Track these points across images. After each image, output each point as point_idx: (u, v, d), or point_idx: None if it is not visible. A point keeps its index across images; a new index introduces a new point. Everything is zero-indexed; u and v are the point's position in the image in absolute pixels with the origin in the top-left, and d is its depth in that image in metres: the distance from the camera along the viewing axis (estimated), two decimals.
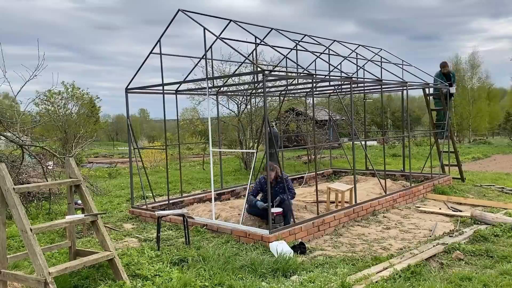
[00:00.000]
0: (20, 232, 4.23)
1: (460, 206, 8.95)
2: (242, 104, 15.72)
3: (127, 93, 8.38)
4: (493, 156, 21.54)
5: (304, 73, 8.14)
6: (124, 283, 4.55)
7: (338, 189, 8.43)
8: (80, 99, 20.25)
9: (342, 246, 6.37)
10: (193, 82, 8.40)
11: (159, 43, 7.88)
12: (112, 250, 4.73)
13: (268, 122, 6.27)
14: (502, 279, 4.68)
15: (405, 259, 5.39)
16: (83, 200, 5.00)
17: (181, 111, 32.36)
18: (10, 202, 4.28)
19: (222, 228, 6.72)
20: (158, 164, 19.34)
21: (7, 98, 38.11)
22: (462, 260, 5.43)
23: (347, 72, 8.80)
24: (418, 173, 11.74)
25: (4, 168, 4.36)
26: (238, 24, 7.89)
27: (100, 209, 8.81)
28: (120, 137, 67.12)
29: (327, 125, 19.77)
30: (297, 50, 9.21)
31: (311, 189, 10.94)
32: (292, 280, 4.85)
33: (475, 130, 41.79)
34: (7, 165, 8.15)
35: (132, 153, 8.46)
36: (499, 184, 11.36)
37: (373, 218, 7.99)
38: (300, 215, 7.60)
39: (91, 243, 6.40)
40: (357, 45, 10.72)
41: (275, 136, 8.17)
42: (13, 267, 5.32)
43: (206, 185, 12.00)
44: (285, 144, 22.74)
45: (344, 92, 12.74)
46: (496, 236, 6.37)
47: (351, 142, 8.74)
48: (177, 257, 5.47)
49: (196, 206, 8.89)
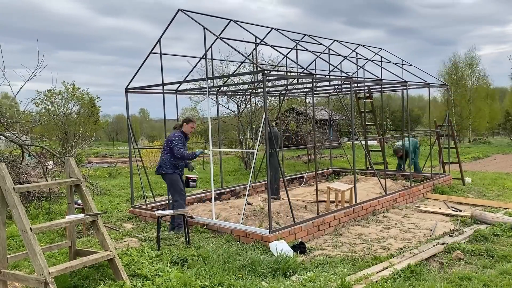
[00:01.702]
0: (20, 231, 4.23)
1: (460, 205, 8.95)
2: (242, 103, 15.73)
3: (127, 93, 8.38)
4: (493, 155, 21.55)
5: (304, 73, 8.14)
6: (124, 283, 4.55)
7: (338, 189, 8.43)
8: (80, 99, 20.28)
9: (342, 245, 6.37)
10: (193, 82, 8.40)
11: (159, 43, 7.88)
12: (112, 250, 4.73)
13: (268, 121, 6.27)
14: (502, 279, 4.68)
15: (405, 259, 5.39)
16: (83, 200, 5.00)
17: (181, 111, 32.36)
18: (10, 201, 4.28)
19: (222, 227, 6.72)
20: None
21: (6, 97, 38.10)
22: (462, 260, 5.43)
23: (347, 71, 8.80)
24: (418, 173, 11.74)
25: (4, 168, 4.36)
26: (238, 23, 7.89)
27: (100, 209, 8.81)
28: (120, 137, 67.08)
29: (327, 124, 19.78)
30: (297, 49, 9.21)
31: (311, 188, 10.94)
32: (292, 279, 4.85)
33: (475, 129, 41.74)
34: (7, 164, 8.15)
35: (132, 152, 8.46)
36: (499, 183, 11.37)
37: (373, 218, 7.99)
38: (300, 214, 7.61)
39: (91, 243, 6.40)
40: (357, 44, 10.72)
41: (275, 136, 8.16)
42: (13, 267, 5.32)
43: (206, 185, 12.00)
44: (285, 143, 22.75)
45: (344, 92, 12.74)
46: (496, 236, 6.37)
47: (351, 141, 8.74)
48: (177, 256, 5.47)
49: (196, 206, 8.89)
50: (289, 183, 11.43)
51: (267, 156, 6.63)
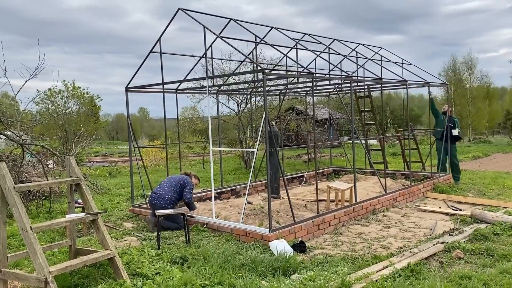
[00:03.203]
0: (21, 231, 4.24)
1: (460, 205, 8.96)
2: (242, 103, 15.73)
3: (127, 92, 8.38)
4: (493, 155, 21.53)
5: (304, 72, 8.14)
6: (125, 282, 4.55)
7: (338, 188, 8.43)
8: (80, 98, 20.30)
9: (342, 245, 6.38)
10: (193, 81, 8.40)
11: (159, 42, 7.88)
12: (112, 249, 4.74)
13: (268, 121, 6.27)
14: (502, 278, 4.68)
15: (405, 258, 5.39)
16: (84, 199, 5.00)
17: (181, 110, 32.37)
18: (10, 201, 4.29)
19: (222, 227, 6.73)
20: (158, 163, 19.34)
21: (6, 97, 38.10)
22: (462, 259, 5.43)
23: (347, 70, 8.80)
24: (418, 172, 11.75)
25: (5, 167, 4.36)
26: (238, 23, 7.89)
27: (101, 208, 8.81)
28: (120, 136, 67.13)
29: (327, 124, 19.78)
30: (297, 49, 9.20)
31: (311, 188, 10.95)
32: (292, 278, 4.85)
33: (475, 129, 41.81)
34: (8, 164, 8.16)
35: (132, 152, 8.46)
36: (499, 182, 11.37)
37: (373, 217, 7.99)
38: (300, 213, 7.61)
39: (92, 242, 6.40)
40: (357, 43, 10.71)
41: (275, 135, 8.17)
42: (13, 266, 5.32)
43: (206, 184, 12.00)
44: (285, 143, 22.77)
45: (344, 91, 12.74)
46: (496, 235, 6.37)
47: (351, 141, 8.74)
48: (178, 256, 5.48)
49: (196, 205, 8.88)
50: (289, 182, 11.44)
51: (267, 155, 6.64)
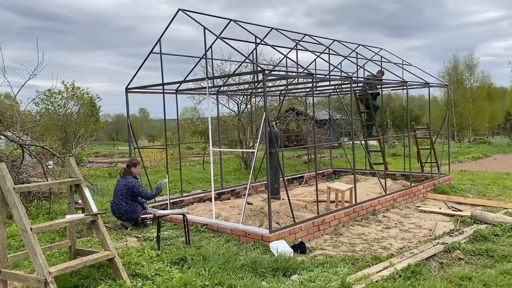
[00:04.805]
0: (21, 231, 4.23)
1: (460, 205, 8.95)
2: (242, 103, 15.73)
3: (127, 93, 8.38)
4: (493, 155, 21.52)
5: (304, 73, 8.14)
6: (124, 283, 4.55)
7: (338, 189, 8.43)
8: (80, 99, 20.30)
9: (342, 245, 6.38)
10: (193, 81, 8.40)
11: (159, 42, 7.88)
12: (112, 249, 4.73)
13: (268, 121, 6.27)
14: (502, 279, 4.68)
15: (405, 259, 5.39)
16: (83, 200, 5.00)
17: (181, 110, 32.37)
18: (10, 201, 4.28)
19: (222, 227, 6.72)
20: (158, 163, 19.34)
21: (7, 97, 38.11)
22: (462, 260, 5.43)
23: (347, 71, 8.80)
24: (418, 173, 11.74)
25: (4, 168, 4.36)
26: (238, 23, 7.89)
27: (100, 209, 8.80)
28: (120, 137, 67.07)
29: (327, 124, 19.77)
30: (297, 49, 9.20)
31: (311, 188, 10.94)
32: (292, 279, 4.85)
33: (475, 129, 41.77)
34: (7, 164, 8.16)
35: (132, 152, 8.46)
36: (499, 183, 11.36)
37: (373, 218, 7.99)
38: (300, 214, 7.61)
39: (91, 243, 6.39)
40: (357, 44, 10.71)
41: (275, 136, 8.17)
42: (13, 267, 5.32)
43: (206, 185, 12.00)
44: (285, 143, 22.76)
45: (344, 92, 12.74)
46: (496, 236, 6.37)
47: (351, 141, 8.74)
48: (177, 256, 5.47)
49: (196, 205, 8.89)
50: (289, 183, 11.43)
51: (267, 156, 6.63)
